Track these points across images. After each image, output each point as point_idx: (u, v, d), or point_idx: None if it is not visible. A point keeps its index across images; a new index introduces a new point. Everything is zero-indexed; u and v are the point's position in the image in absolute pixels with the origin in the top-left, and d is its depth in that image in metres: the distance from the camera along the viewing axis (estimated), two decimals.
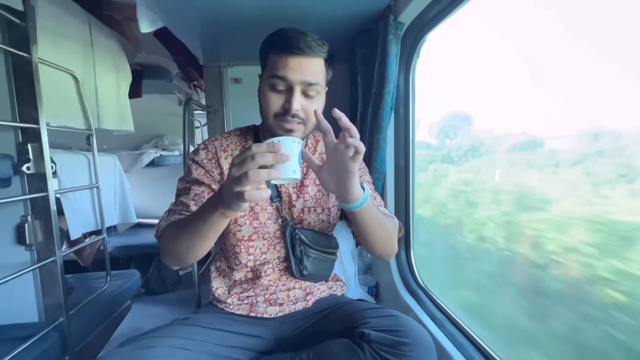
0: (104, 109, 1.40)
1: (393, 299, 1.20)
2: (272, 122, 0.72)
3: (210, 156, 0.80)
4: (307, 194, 0.82)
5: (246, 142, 0.83)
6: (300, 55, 0.68)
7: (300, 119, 0.71)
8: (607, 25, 0.66)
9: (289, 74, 0.68)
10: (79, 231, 1.25)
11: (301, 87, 0.70)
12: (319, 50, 0.70)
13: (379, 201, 0.86)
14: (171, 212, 0.76)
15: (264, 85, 0.73)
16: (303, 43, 0.67)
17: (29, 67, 0.94)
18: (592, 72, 0.70)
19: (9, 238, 0.98)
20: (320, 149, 0.86)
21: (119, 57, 1.53)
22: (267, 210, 0.81)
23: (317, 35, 0.71)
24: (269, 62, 0.72)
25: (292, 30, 0.69)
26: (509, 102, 0.90)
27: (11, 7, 0.88)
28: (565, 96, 0.76)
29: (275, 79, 0.69)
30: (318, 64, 0.71)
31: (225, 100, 1.57)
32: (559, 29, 0.76)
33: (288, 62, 0.68)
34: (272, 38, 0.72)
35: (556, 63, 0.77)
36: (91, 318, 1.17)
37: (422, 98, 1.15)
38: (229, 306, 0.82)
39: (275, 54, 0.70)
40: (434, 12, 0.97)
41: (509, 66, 0.90)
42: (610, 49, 0.66)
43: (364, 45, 1.21)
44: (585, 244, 0.69)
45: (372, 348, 0.63)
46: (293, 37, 0.68)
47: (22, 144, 0.95)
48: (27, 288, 1.00)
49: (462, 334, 0.89)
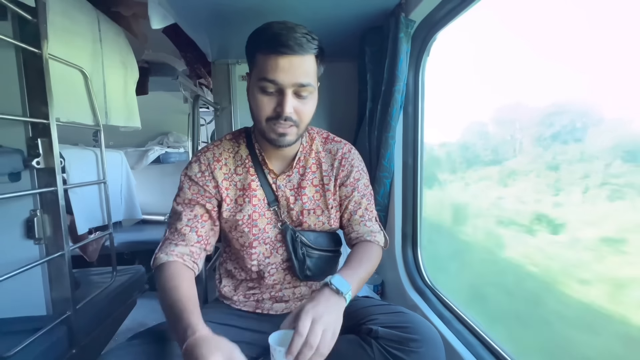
0: (111, 105, 1.41)
1: (399, 297, 1.20)
2: (265, 126, 0.70)
3: (204, 168, 0.77)
4: (305, 195, 0.80)
5: (239, 148, 0.81)
6: (290, 54, 0.64)
7: (292, 121, 0.68)
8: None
9: (280, 77, 0.64)
10: (85, 226, 1.26)
11: (293, 88, 0.66)
12: (309, 46, 0.66)
13: (370, 211, 0.84)
14: (167, 241, 0.75)
15: (253, 88, 0.69)
16: (292, 41, 0.63)
17: (39, 62, 0.94)
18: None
19: (18, 232, 0.99)
20: (315, 148, 0.83)
21: (127, 53, 1.54)
22: (266, 215, 0.79)
23: (305, 27, 0.67)
24: (257, 62, 0.67)
25: (280, 25, 0.65)
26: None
27: (23, 3, 0.89)
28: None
29: (265, 81, 0.65)
30: (309, 62, 0.67)
31: (233, 98, 1.57)
32: (574, 25, 0.75)
33: (278, 64, 0.64)
34: (258, 36, 0.67)
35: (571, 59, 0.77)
36: (97, 312, 1.17)
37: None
38: (236, 303, 0.83)
39: (263, 54, 0.65)
40: (445, 10, 0.96)
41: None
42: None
43: (373, 43, 1.21)
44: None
45: (380, 344, 0.63)
46: (281, 35, 0.63)
47: (32, 139, 0.96)
48: (35, 281, 1.01)
49: (471, 333, 0.88)
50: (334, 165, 0.82)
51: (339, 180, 0.82)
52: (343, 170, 0.82)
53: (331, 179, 0.82)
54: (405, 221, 1.22)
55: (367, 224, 0.82)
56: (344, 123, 1.50)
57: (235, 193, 0.78)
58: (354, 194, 0.82)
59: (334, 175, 0.82)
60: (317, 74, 0.71)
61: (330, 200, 0.81)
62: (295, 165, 0.80)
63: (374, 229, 0.83)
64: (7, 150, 0.91)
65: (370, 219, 0.84)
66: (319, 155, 0.83)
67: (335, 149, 0.83)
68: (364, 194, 0.84)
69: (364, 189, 0.84)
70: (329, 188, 0.81)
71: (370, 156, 1.22)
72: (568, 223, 0.81)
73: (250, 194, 0.78)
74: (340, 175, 0.82)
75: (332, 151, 0.83)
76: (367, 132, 1.24)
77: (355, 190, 0.82)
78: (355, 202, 0.83)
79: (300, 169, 0.81)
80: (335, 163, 0.82)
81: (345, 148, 0.84)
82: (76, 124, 1.17)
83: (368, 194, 0.85)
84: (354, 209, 0.82)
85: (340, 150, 0.83)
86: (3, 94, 0.94)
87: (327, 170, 0.82)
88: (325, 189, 0.81)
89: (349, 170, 0.82)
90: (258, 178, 0.78)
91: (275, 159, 0.80)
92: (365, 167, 0.88)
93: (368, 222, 0.83)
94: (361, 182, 0.84)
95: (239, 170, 0.79)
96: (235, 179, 0.79)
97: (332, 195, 0.81)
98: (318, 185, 0.82)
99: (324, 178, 0.82)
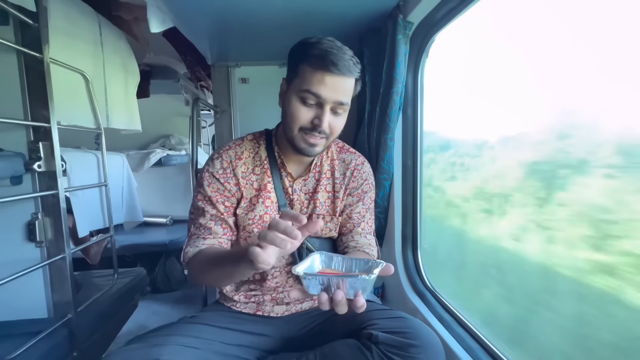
0: (112, 109, 1.42)
1: (400, 301, 1.20)
2: (296, 134, 0.72)
3: (226, 165, 0.79)
4: (318, 200, 0.82)
5: (259, 148, 0.83)
6: (337, 74, 0.66)
7: (325, 134, 0.71)
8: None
9: (324, 92, 0.67)
10: (87, 229, 1.26)
11: (332, 105, 0.69)
12: (355, 70, 0.69)
13: (369, 225, 0.86)
14: (194, 236, 0.76)
15: (292, 96, 0.71)
16: (342, 62, 0.66)
17: (40, 66, 0.95)
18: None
19: (19, 235, 0.99)
20: (331, 155, 0.86)
21: (128, 57, 1.55)
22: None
23: (350, 50, 0.69)
24: (302, 73, 0.69)
25: (331, 44, 0.67)
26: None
27: (24, 8, 0.90)
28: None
29: (308, 93, 0.68)
30: (351, 83, 0.70)
31: (233, 100, 1.58)
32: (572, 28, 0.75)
33: (325, 80, 0.67)
34: (308, 49, 0.68)
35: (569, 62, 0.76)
36: (98, 315, 1.18)
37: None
38: (236, 304, 0.83)
39: (310, 67, 0.67)
40: (443, 12, 0.96)
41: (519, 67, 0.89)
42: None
43: (371, 44, 1.21)
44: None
45: (380, 349, 0.63)
46: (332, 54, 0.66)
47: (34, 143, 0.96)
48: (37, 284, 1.02)
49: (471, 337, 0.88)
50: (346, 175, 0.84)
51: (349, 190, 0.84)
52: (354, 181, 0.84)
53: (342, 187, 0.84)
54: (405, 223, 1.21)
55: (367, 237, 0.85)
56: (347, 135, 1.50)
57: (251, 192, 0.80)
58: (359, 204, 0.84)
59: (345, 185, 0.84)
60: (353, 94, 0.74)
61: (338, 208, 0.83)
62: (312, 170, 0.82)
63: (372, 242, 0.85)
64: (9, 154, 0.92)
65: (369, 233, 0.86)
66: (334, 163, 0.85)
67: (350, 159, 0.86)
68: (369, 207, 0.86)
69: (369, 202, 0.86)
70: (338, 196, 0.83)
71: (369, 158, 1.22)
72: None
73: (265, 195, 0.79)
74: (350, 185, 0.84)
75: (346, 161, 0.86)
76: (366, 134, 1.24)
77: (361, 202, 0.85)
78: (360, 214, 0.84)
79: (317, 174, 0.83)
80: (347, 172, 0.84)
81: (359, 160, 0.87)
82: (77, 127, 1.17)
83: (372, 209, 0.88)
84: (358, 221, 0.84)
85: (354, 161, 0.86)
86: (4, 98, 0.95)
87: (339, 178, 0.84)
88: (335, 196, 0.83)
89: (359, 182, 0.85)
90: (273, 180, 0.80)
91: (293, 162, 0.82)
92: (374, 182, 0.90)
93: (368, 235, 0.85)
94: (368, 195, 0.86)
95: (257, 171, 0.81)
96: (252, 178, 0.80)
97: (340, 203, 0.83)
98: (330, 191, 0.84)
99: (335, 185, 0.84)
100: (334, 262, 0.57)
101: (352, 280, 0.48)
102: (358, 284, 0.48)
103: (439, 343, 0.65)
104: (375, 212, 1.24)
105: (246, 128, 1.62)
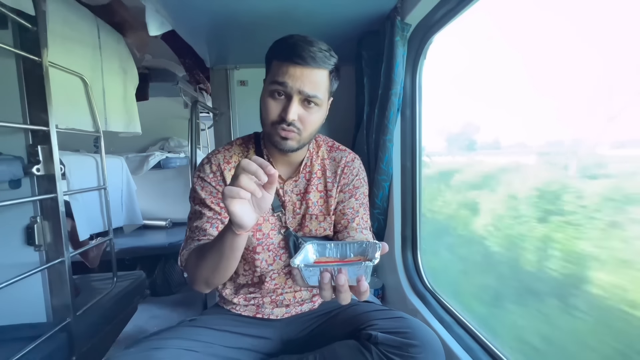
0: (111, 112, 1.42)
1: (400, 301, 1.19)
2: (270, 129, 0.71)
3: (215, 169, 0.78)
4: (310, 200, 0.81)
5: (248, 152, 0.82)
6: (302, 65, 0.66)
7: (296, 128, 0.69)
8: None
9: (288, 80, 0.66)
10: (86, 232, 1.26)
11: (300, 96, 0.68)
12: (324, 62, 0.67)
13: (365, 221, 0.84)
14: (189, 239, 0.75)
15: (264, 93, 0.72)
16: (307, 53, 0.65)
17: (39, 70, 0.95)
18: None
19: (18, 239, 0.99)
20: (321, 154, 0.84)
21: (127, 60, 1.55)
22: (270, 220, 0.79)
23: (326, 44, 0.69)
24: (272, 68, 0.70)
25: (300, 38, 0.67)
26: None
27: (23, 12, 0.90)
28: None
29: (275, 84, 0.68)
30: (321, 76, 0.68)
31: (232, 103, 1.58)
32: (570, 29, 0.75)
33: (289, 71, 0.66)
34: (278, 45, 0.70)
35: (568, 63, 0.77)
36: (98, 319, 1.17)
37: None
38: (236, 307, 0.82)
39: (278, 61, 0.68)
40: (441, 13, 0.97)
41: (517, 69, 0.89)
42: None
43: (370, 46, 1.21)
44: None
45: (379, 350, 0.63)
46: (297, 46, 0.66)
47: (32, 146, 0.96)
48: (35, 288, 1.01)
49: (471, 337, 0.88)
50: (337, 173, 0.83)
51: (340, 187, 0.83)
52: (345, 177, 0.83)
53: (334, 185, 0.83)
54: (404, 224, 1.22)
55: (364, 232, 0.82)
56: (342, 127, 1.51)
57: None
58: (352, 200, 0.83)
59: (337, 182, 0.83)
60: (328, 89, 0.72)
61: (332, 207, 0.82)
62: (302, 171, 0.81)
63: (370, 238, 0.83)
64: (7, 157, 0.92)
65: (366, 228, 0.84)
66: (324, 162, 0.84)
67: (340, 156, 0.85)
68: (362, 202, 0.84)
69: (363, 197, 0.85)
70: (331, 194, 0.82)
71: (368, 160, 1.22)
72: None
73: None
74: (342, 182, 0.83)
75: (337, 159, 0.85)
76: (365, 135, 1.25)
77: (353, 197, 0.83)
78: (353, 209, 0.83)
79: (307, 174, 0.82)
80: (338, 170, 0.83)
81: (349, 157, 0.86)
82: (76, 131, 1.17)
83: (365, 204, 0.86)
84: (352, 217, 0.83)
85: (344, 158, 0.84)
86: (3, 101, 0.95)
87: (331, 177, 0.83)
88: (328, 195, 0.83)
89: (350, 178, 0.84)
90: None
91: (282, 164, 0.81)
92: (366, 177, 0.88)
93: (364, 230, 0.83)
94: (360, 191, 0.84)
95: None
96: None
97: (333, 202, 0.82)
98: (322, 191, 0.83)
99: (327, 184, 0.83)
100: (327, 249, 0.56)
101: (355, 267, 0.48)
102: (361, 271, 0.48)
103: (439, 343, 0.64)
104: (375, 213, 1.24)
105: (245, 130, 1.62)
